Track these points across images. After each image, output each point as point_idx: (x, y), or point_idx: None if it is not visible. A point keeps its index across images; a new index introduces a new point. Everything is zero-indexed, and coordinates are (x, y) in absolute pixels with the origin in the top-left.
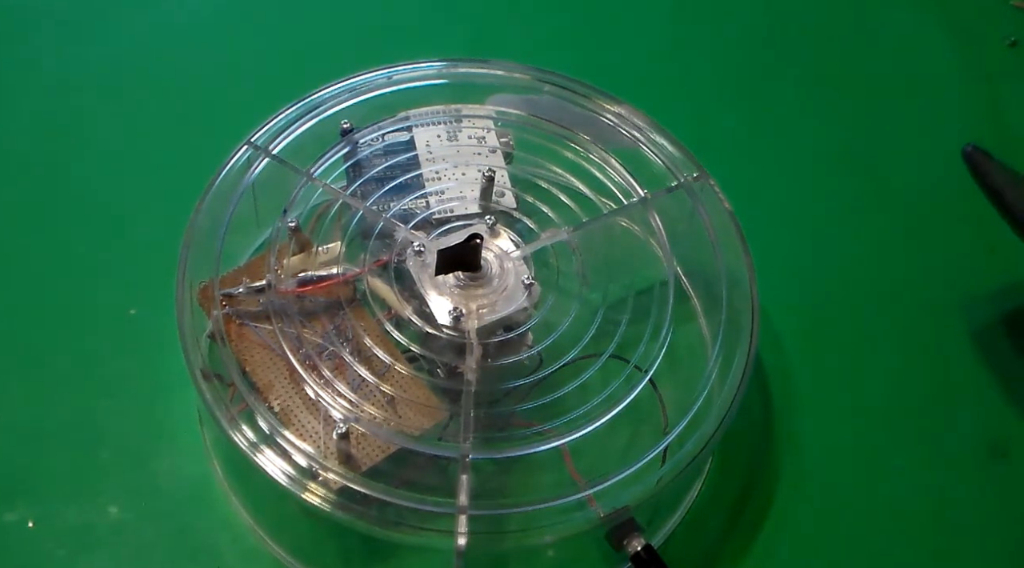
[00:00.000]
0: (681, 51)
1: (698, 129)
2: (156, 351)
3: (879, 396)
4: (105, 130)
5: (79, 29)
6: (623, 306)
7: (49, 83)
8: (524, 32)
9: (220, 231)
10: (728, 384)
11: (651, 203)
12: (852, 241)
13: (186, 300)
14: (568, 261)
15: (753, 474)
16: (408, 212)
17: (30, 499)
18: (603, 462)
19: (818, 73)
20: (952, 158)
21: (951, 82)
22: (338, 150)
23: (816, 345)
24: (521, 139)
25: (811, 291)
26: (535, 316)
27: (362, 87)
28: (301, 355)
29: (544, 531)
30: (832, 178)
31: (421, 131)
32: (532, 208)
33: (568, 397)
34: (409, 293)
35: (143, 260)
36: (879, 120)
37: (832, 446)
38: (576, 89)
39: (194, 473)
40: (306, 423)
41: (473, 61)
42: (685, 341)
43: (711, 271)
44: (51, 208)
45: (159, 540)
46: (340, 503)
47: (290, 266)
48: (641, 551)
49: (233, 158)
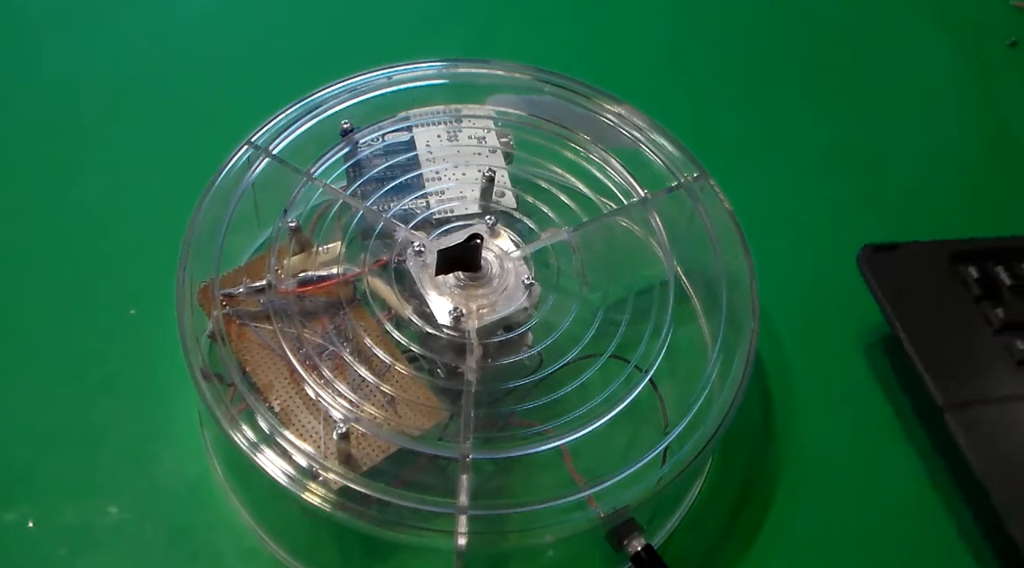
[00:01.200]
0: (681, 51)
1: (698, 129)
2: (156, 351)
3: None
4: (105, 130)
5: (79, 29)
6: (623, 306)
7: (48, 82)
8: (524, 32)
9: (220, 231)
10: (728, 384)
11: (651, 203)
12: (852, 241)
13: (186, 300)
14: (568, 261)
15: (753, 474)
16: (408, 212)
17: (30, 499)
18: (603, 462)
19: (818, 73)
20: (952, 158)
21: (951, 82)
22: (338, 150)
23: (816, 345)
24: (521, 139)
25: (811, 291)
26: (535, 316)
27: (362, 87)
28: (301, 355)
29: (544, 531)
30: (832, 178)
31: (421, 131)
32: (532, 208)
33: (568, 397)
34: (409, 293)
35: (143, 260)
36: (879, 120)
37: (832, 446)
38: (576, 89)
39: (194, 473)
40: (306, 423)
41: (473, 61)
42: (685, 341)
43: (711, 271)
44: (51, 208)
45: (159, 540)
46: (340, 503)
47: (290, 266)
48: (641, 551)
49: (233, 158)
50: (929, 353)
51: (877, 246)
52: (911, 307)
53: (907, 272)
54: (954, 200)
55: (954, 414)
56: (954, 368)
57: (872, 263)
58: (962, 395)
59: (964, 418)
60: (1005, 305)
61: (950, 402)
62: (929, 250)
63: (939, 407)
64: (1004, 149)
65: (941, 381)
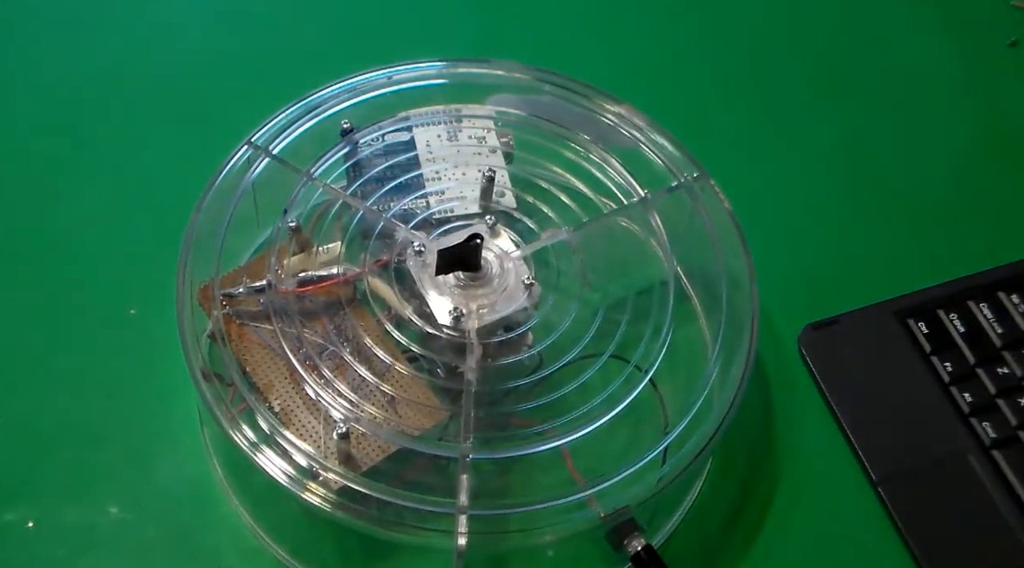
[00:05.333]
0: (681, 51)
1: (698, 129)
2: (156, 351)
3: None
4: (105, 129)
5: (79, 29)
6: (623, 306)
7: (48, 82)
8: (524, 32)
9: (220, 231)
10: (728, 384)
11: (651, 203)
12: (852, 241)
13: (186, 300)
14: (568, 261)
15: (753, 474)
16: (408, 212)
17: (30, 499)
18: (603, 462)
19: (818, 73)
20: (952, 158)
21: (951, 82)
22: (338, 150)
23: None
24: (521, 139)
25: (811, 291)
26: (535, 316)
27: (362, 87)
28: (301, 355)
29: (544, 531)
30: (832, 178)
31: (421, 131)
32: (532, 208)
33: (568, 397)
34: (409, 293)
35: (143, 260)
36: (879, 120)
37: (832, 446)
38: (576, 89)
39: (194, 473)
40: (306, 423)
41: (473, 61)
42: (685, 341)
43: (711, 271)
44: (51, 208)
45: (159, 540)
46: (340, 503)
47: (290, 266)
48: (641, 551)
49: (233, 158)
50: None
51: (817, 324)
52: (853, 382)
53: (850, 344)
54: (954, 199)
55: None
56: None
57: (813, 342)
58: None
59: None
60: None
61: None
62: (873, 313)
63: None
64: (1004, 149)
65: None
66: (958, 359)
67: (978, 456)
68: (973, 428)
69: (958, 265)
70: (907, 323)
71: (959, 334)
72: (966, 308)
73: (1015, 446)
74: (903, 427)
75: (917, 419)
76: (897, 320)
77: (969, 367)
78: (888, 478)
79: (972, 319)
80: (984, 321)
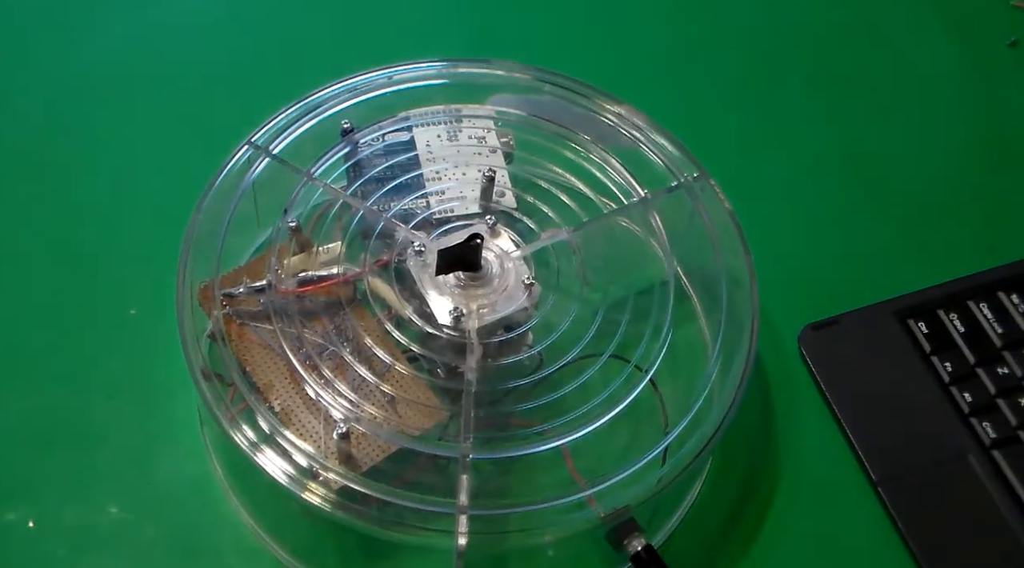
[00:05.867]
0: (681, 51)
1: (698, 129)
2: (156, 351)
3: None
4: (105, 130)
5: (79, 29)
6: (623, 306)
7: (48, 82)
8: (524, 32)
9: (220, 231)
10: (728, 384)
11: (651, 203)
12: (852, 241)
13: (186, 300)
14: (568, 261)
15: (753, 474)
16: (408, 212)
17: (30, 499)
18: (603, 462)
19: (818, 73)
20: (952, 158)
21: (951, 82)
22: (338, 150)
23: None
24: (521, 139)
25: (811, 291)
26: (535, 316)
27: (362, 87)
28: (301, 355)
29: (544, 531)
30: (832, 178)
31: (421, 131)
32: (532, 208)
33: (568, 397)
34: (409, 293)
35: (143, 260)
36: (879, 120)
37: (832, 446)
38: (576, 89)
39: (194, 473)
40: (306, 423)
41: (473, 61)
42: (685, 341)
43: (711, 271)
44: (51, 208)
45: (159, 540)
46: (340, 503)
47: (290, 266)
48: (641, 551)
49: (233, 158)
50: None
51: (817, 324)
52: (853, 382)
53: (850, 344)
54: (954, 199)
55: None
56: (893, 438)
57: (813, 342)
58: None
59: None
60: (955, 358)
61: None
62: (873, 313)
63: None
64: (1004, 149)
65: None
66: (958, 359)
67: (978, 456)
68: (973, 428)
69: (958, 265)
70: (907, 323)
71: (959, 334)
72: (966, 308)
73: (1015, 446)
74: (903, 427)
75: (917, 419)
76: (897, 320)
77: (969, 367)
78: (888, 478)
79: (972, 319)
80: (984, 321)
